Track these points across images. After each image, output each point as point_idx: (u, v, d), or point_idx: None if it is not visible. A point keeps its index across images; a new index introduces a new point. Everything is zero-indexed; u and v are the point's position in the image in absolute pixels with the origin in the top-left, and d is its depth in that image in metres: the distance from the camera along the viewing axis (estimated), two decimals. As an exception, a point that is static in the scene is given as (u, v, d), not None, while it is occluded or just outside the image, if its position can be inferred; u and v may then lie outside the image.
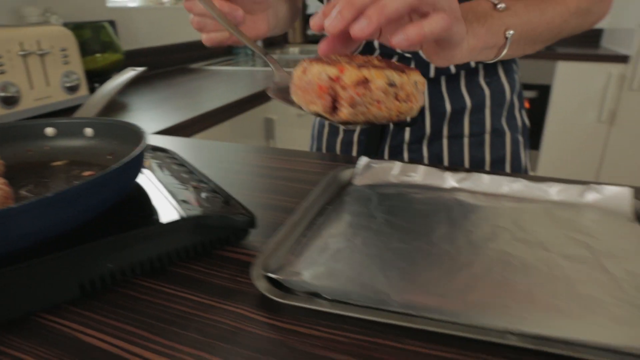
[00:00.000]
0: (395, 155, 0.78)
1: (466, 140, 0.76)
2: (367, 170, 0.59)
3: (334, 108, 0.32)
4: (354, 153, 0.82)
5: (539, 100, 2.40)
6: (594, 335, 0.31)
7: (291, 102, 0.38)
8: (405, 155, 0.78)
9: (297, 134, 1.58)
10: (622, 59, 2.17)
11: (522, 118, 0.81)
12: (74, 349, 0.32)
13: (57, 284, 0.36)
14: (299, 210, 0.47)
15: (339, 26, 0.33)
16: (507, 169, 0.78)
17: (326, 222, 0.48)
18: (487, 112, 0.75)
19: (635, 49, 2.13)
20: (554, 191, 0.54)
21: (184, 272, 0.41)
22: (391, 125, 0.77)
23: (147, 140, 0.44)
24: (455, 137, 0.76)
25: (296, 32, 2.78)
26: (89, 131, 0.56)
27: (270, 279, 0.37)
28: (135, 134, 0.48)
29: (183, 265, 0.42)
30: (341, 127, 0.81)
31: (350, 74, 0.31)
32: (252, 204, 0.47)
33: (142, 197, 0.47)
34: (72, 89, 1.15)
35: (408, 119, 0.75)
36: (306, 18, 2.75)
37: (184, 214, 0.40)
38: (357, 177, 0.58)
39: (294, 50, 2.57)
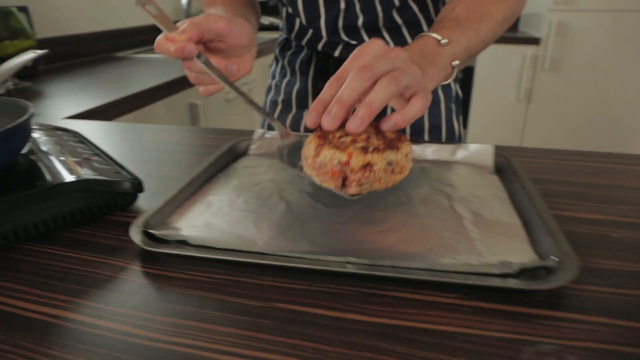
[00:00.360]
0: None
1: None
2: (262, 141, 0.63)
3: (343, 184, 0.39)
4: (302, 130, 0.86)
5: (464, 81, 2.54)
6: (424, 260, 0.37)
7: (297, 167, 0.45)
8: None
9: (223, 120, 1.60)
10: (535, 41, 2.34)
11: (455, 87, 0.87)
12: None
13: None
14: (187, 178, 0.50)
15: (335, 125, 0.39)
16: (443, 136, 0.83)
17: (214, 186, 0.52)
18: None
19: (544, 32, 2.30)
20: (430, 151, 0.60)
21: (72, 236, 0.43)
22: None
23: (33, 112, 0.46)
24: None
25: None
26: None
27: (149, 236, 0.40)
28: (23, 109, 0.49)
29: (73, 230, 0.44)
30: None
31: (357, 160, 0.38)
32: (148, 175, 0.50)
33: (30, 167, 0.48)
34: (-20, 77, 1.10)
35: None
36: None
37: (67, 179, 0.43)
38: (252, 147, 0.62)
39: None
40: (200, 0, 0.74)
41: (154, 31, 2.22)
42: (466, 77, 2.53)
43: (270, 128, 0.89)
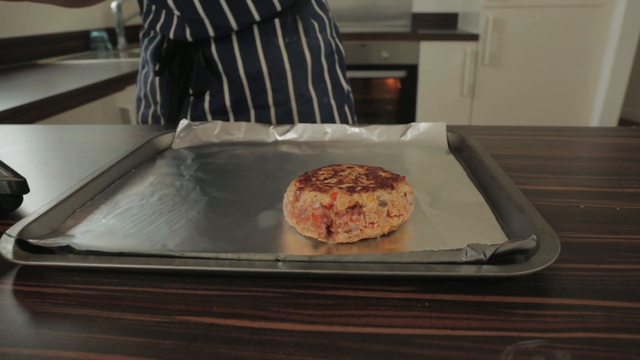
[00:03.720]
0: None
1: (272, 110, 0.71)
2: (187, 133, 0.55)
3: (329, 232, 0.31)
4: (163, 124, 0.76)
5: (409, 80, 2.53)
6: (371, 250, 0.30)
7: None
8: None
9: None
10: (474, 37, 2.37)
11: (335, 82, 0.76)
12: None
13: None
14: (88, 177, 0.41)
15: None
16: (294, 115, 0.73)
17: (125, 184, 0.43)
18: (288, 77, 0.70)
19: (482, 28, 2.34)
20: (375, 133, 0.54)
21: None
22: (191, 99, 0.72)
23: None
24: (261, 108, 0.71)
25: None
26: None
27: (25, 247, 0.31)
28: None
29: None
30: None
31: (343, 200, 0.31)
32: (46, 176, 0.41)
33: None
34: None
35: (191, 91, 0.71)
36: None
37: None
38: (176, 140, 0.54)
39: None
40: (130, 6, 0.65)
41: (81, 37, 2.07)
42: (410, 75, 2.53)
43: (143, 121, 0.79)
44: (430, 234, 0.33)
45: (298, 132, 0.55)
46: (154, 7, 0.70)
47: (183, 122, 0.55)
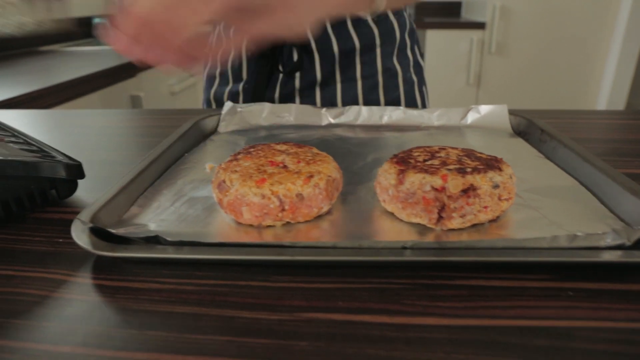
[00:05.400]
0: (287, 102, 0.72)
1: (359, 83, 0.72)
2: (233, 116, 0.51)
3: (439, 217, 0.29)
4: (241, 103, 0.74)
5: (414, 69, 2.50)
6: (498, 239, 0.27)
7: None
8: (297, 102, 0.72)
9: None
10: (480, 25, 2.34)
11: (414, 57, 0.78)
12: None
13: None
14: (144, 161, 0.38)
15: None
16: None
17: (182, 170, 0.40)
18: (377, 52, 0.72)
19: (489, 16, 2.31)
20: (435, 116, 0.51)
21: (-18, 245, 0.30)
22: (280, 76, 0.71)
23: None
24: (349, 81, 0.72)
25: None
26: None
27: (99, 234, 0.28)
28: None
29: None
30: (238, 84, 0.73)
31: (457, 182, 0.28)
32: (87, 161, 0.38)
33: None
34: None
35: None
36: None
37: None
38: (222, 123, 0.50)
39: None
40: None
41: (83, 24, 2.01)
42: (416, 64, 2.49)
43: (217, 98, 0.77)
44: (538, 218, 0.30)
45: (352, 114, 0.52)
46: None
47: (228, 105, 0.52)
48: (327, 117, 0.52)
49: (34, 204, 0.33)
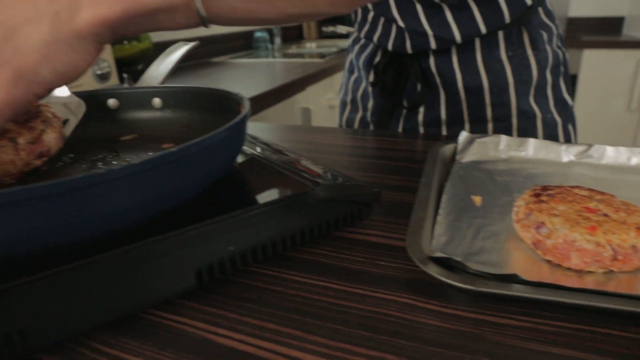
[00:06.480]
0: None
1: (490, 125, 0.67)
2: (470, 146, 0.52)
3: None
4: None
5: (565, 90, 2.34)
6: None
7: None
8: None
9: (330, 124, 1.52)
10: (651, 44, 2.12)
11: (559, 95, 0.70)
12: (197, 348, 0.26)
13: (170, 271, 0.29)
14: (422, 188, 0.41)
15: None
16: (514, 127, 0.68)
17: (453, 199, 0.42)
18: (511, 92, 0.66)
19: (666, 35, 2.08)
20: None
21: (308, 258, 0.34)
22: (404, 110, 0.71)
23: (248, 105, 0.38)
24: (478, 122, 0.67)
25: (311, 29, 2.72)
26: (157, 101, 0.50)
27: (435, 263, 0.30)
28: (222, 99, 0.42)
29: (302, 250, 0.35)
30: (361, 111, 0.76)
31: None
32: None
33: (237, 174, 0.40)
34: (103, 77, 1.08)
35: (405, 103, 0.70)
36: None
37: (311, 186, 0.34)
38: (460, 153, 0.52)
39: (310, 45, 2.51)
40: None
41: (243, 37, 2.21)
42: (567, 85, 2.33)
43: (348, 125, 0.80)
44: None
45: (596, 153, 0.50)
46: (370, 17, 0.70)
47: (464, 135, 0.53)
48: (568, 154, 0.51)
49: (340, 224, 0.37)
